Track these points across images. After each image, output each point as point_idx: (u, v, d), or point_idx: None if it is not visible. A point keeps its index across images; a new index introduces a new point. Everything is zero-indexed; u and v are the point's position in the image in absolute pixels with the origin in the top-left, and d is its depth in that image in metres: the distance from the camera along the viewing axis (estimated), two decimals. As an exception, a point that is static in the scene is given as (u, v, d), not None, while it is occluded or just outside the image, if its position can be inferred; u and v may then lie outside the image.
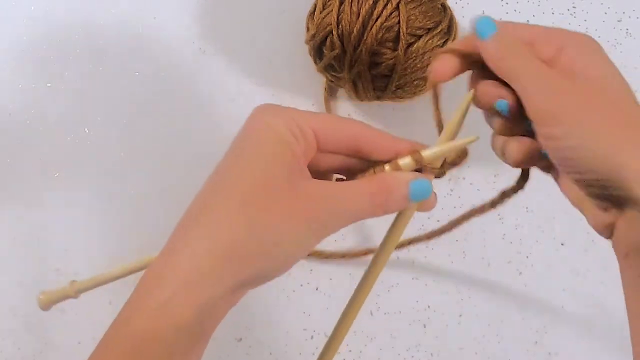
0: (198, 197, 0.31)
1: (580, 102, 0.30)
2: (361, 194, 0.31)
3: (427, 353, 0.52)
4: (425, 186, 0.33)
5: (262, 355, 0.52)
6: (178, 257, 0.29)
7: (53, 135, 0.57)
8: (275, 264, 0.30)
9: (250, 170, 0.30)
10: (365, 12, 0.48)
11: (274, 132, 0.30)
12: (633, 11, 0.61)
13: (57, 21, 0.60)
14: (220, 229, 0.29)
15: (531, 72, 0.31)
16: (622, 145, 0.29)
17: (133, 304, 0.29)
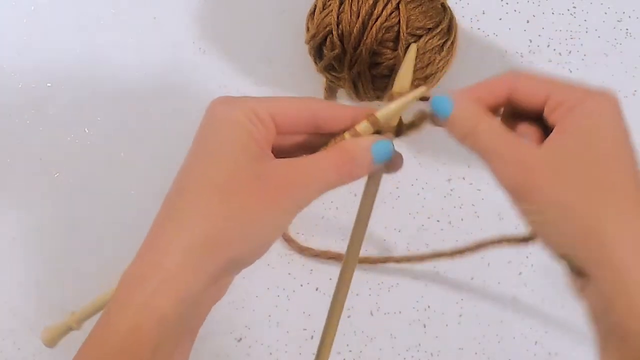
0: (169, 195, 0.31)
1: (549, 175, 0.29)
2: (327, 166, 0.32)
3: (427, 353, 0.52)
4: (387, 146, 0.33)
5: (262, 355, 0.52)
6: (156, 254, 0.29)
7: (53, 135, 0.57)
8: (252, 247, 0.31)
9: (216, 162, 0.30)
10: (365, 12, 0.48)
11: (234, 122, 0.31)
12: (633, 11, 0.61)
13: (57, 21, 0.60)
14: (194, 221, 0.29)
15: (496, 148, 0.31)
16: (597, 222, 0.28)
17: (114, 303, 0.29)
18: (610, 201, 0.28)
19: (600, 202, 0.28)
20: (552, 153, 0.29)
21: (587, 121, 0.29)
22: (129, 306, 0.28)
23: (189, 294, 0.29)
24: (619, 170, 0.29)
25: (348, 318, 0.53)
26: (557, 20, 0.61)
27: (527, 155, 0.30)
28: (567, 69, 0.59)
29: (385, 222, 0.55)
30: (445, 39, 0.51)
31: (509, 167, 0.30)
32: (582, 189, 0.28)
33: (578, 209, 0.28)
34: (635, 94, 0.59)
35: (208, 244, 0.29)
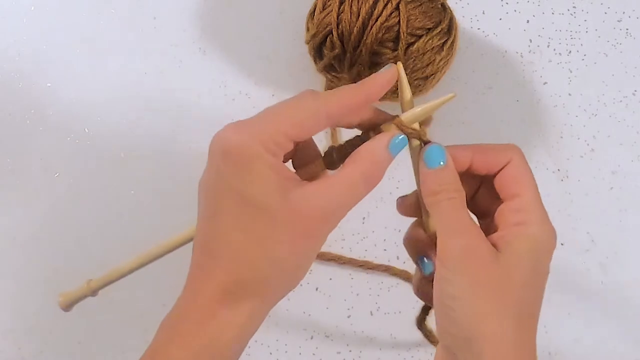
0: (203, 233, 0.32)
1: (476, 264, 0.31)
2: (355, 180, 0.32)
3: (427, 353, 0.52)
4: (402, 140, 0.33)
5: (262, 355, 0.52)
6: (208, 299, 0.30)
7: (53, 135, 0.57)
8: (293, 280, 0.32)
9: (243, 206, 0.30)
10: (365, 12, 0.48)
11: (254, 159, 0.30)
12: (633, 11, 0.61)
13: (56, 21, 0.60)
14: (237, 267, 0.30)
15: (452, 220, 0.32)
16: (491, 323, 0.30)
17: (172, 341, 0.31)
18: (514, 321, 0.31)
19: (509, 315, 0.31)
20: (490, 258, 0.31)
21: (528, 248, 0.32)
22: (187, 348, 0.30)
23: (242, 334, 0.31)
24: (532, 303, 0.32)
25: (348, 318, 0.53)
26: (557, 20, 0.61)
27: (475, 240, 0.32)
28: (567, 69, 0.59)
29: (385, 222, 0.55)
30: (445, 39, 0.51)
31: (460, 246, 0.32)
32: (497, 291, 0.31)
33: (487, 305, 0.31)
34: (635, 94, 0.59)
35: (256, 291, 0.31)
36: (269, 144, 0.30)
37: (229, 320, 0.30)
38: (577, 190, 0.56)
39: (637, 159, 0.57)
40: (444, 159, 0.33)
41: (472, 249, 0.31)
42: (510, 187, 0.33)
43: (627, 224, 0.55)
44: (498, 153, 0.34)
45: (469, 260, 0.31)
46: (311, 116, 0.32)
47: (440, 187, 0.33)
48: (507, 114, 0.58)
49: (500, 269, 0.31)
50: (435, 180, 0.33)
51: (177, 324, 0.31)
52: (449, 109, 0.58)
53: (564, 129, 0.58)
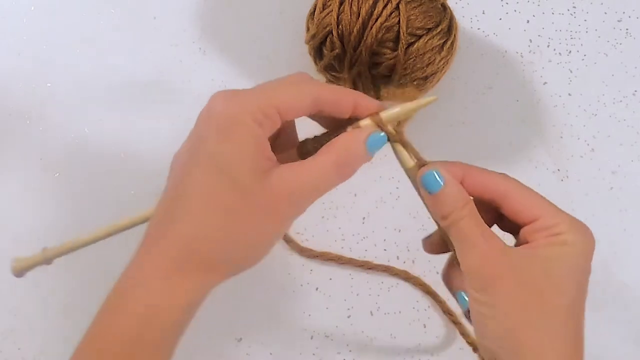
0: (168, 197, 0.31)
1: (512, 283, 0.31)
2: (327, 167, 0.31)
3: (427, 353, 0.52)
4: (381, 138, 0.33)
5: (262, 355, 0.52)
6: (158, 261, 0.30)
7: (53, 135, 0.57)
8: (251, 258, 0.31)
9: (216, 172, 0.30)
10: (365, 12, 0.48)
11: (239, 125, 0.30)
12: (633, 11, 0.61)
13: (56, 21, 0.60)
14: (196, 233, 0.30)
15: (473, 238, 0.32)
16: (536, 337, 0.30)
17: (117, 307, 0.30)
18: (557, 332, 0.30)
19: (550, 327, 0.30)
20: (521, 261, 0.31)
21: (560, 251, 0.31)
22: (129, 313, 0.29)
23: (188, 303, 0.30)
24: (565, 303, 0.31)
25: (348, 318, 0.53)
26: (557, 20, 0.61)
27: (499, 253, 0.31)
28: (567, 69, 0.59)
29: (385, 222, 0.55)
30: (445, 39, 0.51)
31: (479, 259, 0.31)
32: (532, 303, 0.30)
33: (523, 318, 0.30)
34: (635, 94, 0.59)
35: (210, 261, 0.30)
36: (257, 114, 0.30)
37: (177, 287, 0.29)
38: (577, 190, 0.56)
39: (637, 159, 0.57)
40: (442, 180, 0.33)
41: (495, 264, 0.31)
42: (526, 215, 0.33)
43: (627, 224, 0.55)
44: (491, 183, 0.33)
45: (493, 275, 0.31)
46: (303, 95, 0.32)
47: (449, 209, 0.32)
48: (507, 114, 0.58)
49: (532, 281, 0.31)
50: (442, 204, 0.33)
51: (126, 289, 0.30)
52: (449, 109, 0.58)
53: (564, 129, 0.58)
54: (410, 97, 0.53)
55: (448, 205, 0.32)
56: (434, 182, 0.33)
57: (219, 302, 0.54)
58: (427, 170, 0.33)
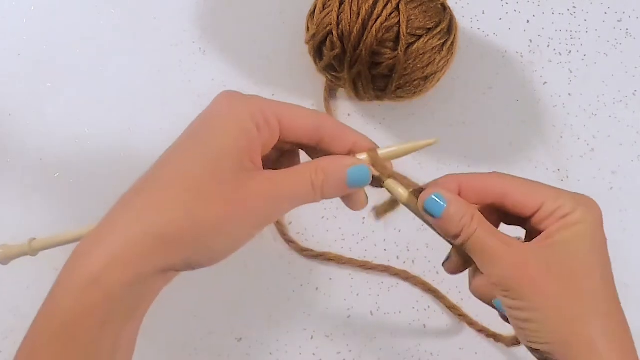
0: (145, 175, 0.31)
1: (542, 275, 0.31)
2: (301, 182, 0.31)
3: (427, 353, 0.52)
4: (363, 171, 0.32)
5: (262, 355, 0.52)
6: (110, 235, 0.29)
7: (53, 135, 0.57)
8: (210, 254, 0.30)
9: (200, 157, 0.30)
10: (365, 12, 0.48)
11: (235, 119, 0.30)
12: (633, 11, 0.61)
13: (56, 21, 0.60)
14: (158, 212, 0.29)
15: (492, 248, 0.31)
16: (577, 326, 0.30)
17: (62, 281, 0.29)
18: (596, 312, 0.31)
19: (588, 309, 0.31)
20: (543, 255, 0.31)
21: (573, 231, 0.31)
22: (74, 284, 0.28)
23: (134, 280, 0.28)
24: (597, 280, 0.31)
25: (348, 318, 0.53)
26: (557, 20, 0.61)
27: (521, 255, 0.31)
28: (567, 69, 0.59)
29: (385, 222, 0.55)
30: (445, 39, 0.51)
31: (507, 268, 0.31)
32: (568, 293, 0.31)
33: (564, 311, 0.30)
34: (635, 94, 0.59)
35: (165, 239, 0.29)
36: (257, 116, 0.30)
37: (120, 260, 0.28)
38: (577, 190, 0.56)
39: (637, 159, 0.57)
40: (443, 200, 0.32)
41: (517, 266, 0.31)
42: (528, 206, 0.33)
43: (627, 224, 0.55)
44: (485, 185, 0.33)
45: (521, 277, 0.31)
46: (307, 115, 0.32)
47: (459, 227, 0.32)
48: (507, 114, 0.58)
49: (555, 269, 0.31)
50: (450, 225, 0.32)
51: (77, 259, 0.29)
52: (449, 109, 0.58)
53: (564, 129, 0.58)
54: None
55: (456, 223, 0.32)
56: (436, 206, 0.32)
57: (219, 302, 0.54)
58: (426, 197, 0.32)
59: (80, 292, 0.28)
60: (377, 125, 0.57)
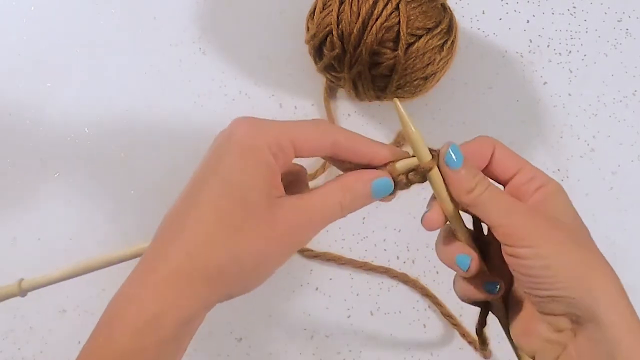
0: (175, 212, 0.32)
1: (544, 226, 0.32)
2: (332, 203, 0.33)
3: (427, 353, 0.52)
4: (386, 184, 0.34)
5: (262, 355, 0.52)
6: (157, 275, 0.30)
7: (53, 135, 0.57)
8: (252, 282, 0.32)
9: (229, 190, 0.30)
10: (365, 12, 0.48)
11: (256, 152, 0.31)
12: (633, 11, 0.61)
13: (56, 21, 0.60)
14: (200, 249, 0.30)
15: (505, 202, 0.33)
16: (589, 269, 0.32)
17: (114, 320, 0.30)
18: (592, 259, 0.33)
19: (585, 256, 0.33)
20: (543, 211, 0.34)
21: (557, 197, 0.34)
22: (127, 326, 0.29)
23: (186, 319, 0.30)
24: (586, 235, 0.35)
25: (348, 318, 0.53)
26: (557, 20, 0.61)
27: (530, 207, 0.34)
28: (567, 69, 0.59)
29: (385, 222, 0.55)
30: (445, 39, 0.51)
31: (520, 215, 0.33)
32: (571, 241, 0.33)
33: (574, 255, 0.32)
34: (635, 94, 0.59)
35: (210, 279, 0.30)
36: (272, 143, 0.31)
37: (174, 301, 0.29)
38: (577, 190, 0.56)
39: (637, 159, 0.57)
40: (461, 157, 0.34)
41: (536, 215, 0.33)
42: (510, 167, 0.35)
43: (627, 224, 0.55)
44: (481, 147, 0.36)
45: (540, 225, 0.32)
46: (320, 133, 0.33)
47: (474, 181, 0.33)
48: (507, 114, 0.58)
49: (559, 223, 0.33)
50: (467, 178, 0.33)
51: (124, 301, 0.30)
52: (449, 109, 0.58)
53: (564, 129, 0.58)
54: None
55: (473, 177, 0.33)
56: (458, 155, 0.34)
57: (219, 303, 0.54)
58: (448, 147, 0.34)
59: (134, 335, 0.29)
60: (377, 125, 0.57)
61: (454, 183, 0.34)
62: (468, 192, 0.33)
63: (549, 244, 0.32)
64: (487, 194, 0.33)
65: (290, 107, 0.58)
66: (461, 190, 0.34)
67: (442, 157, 0.34)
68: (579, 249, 0.32)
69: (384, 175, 0.34)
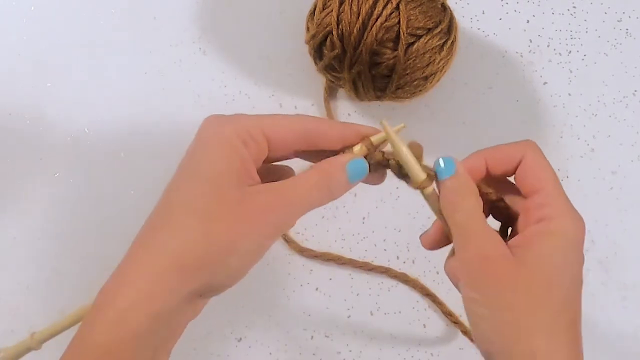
0: (152, 213, 0.32)
1: (508, 279, 0.30)
2: (307, 187, 0.32)
3: (427, 353, 0.52)
4: (360, 164, 0.33)
5: (262, 355, 0.52)
6: (132, 272, 0.30)
7: (53, 135, 0.57)
8: (230, 273, 0.31)
9: (200, 182, 0.31)
10: (365, 12, 0.48)
11: (223, 141, 0.31)
12: (633, 11, 0.61)
13: (56, 21, 0.60)
14: (174, 241, 0.30)
15: (471, 230, 0.32)
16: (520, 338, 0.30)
17: (91, 318, 0.30)
18: (549, 329, 0.30)
19: (540, 324, 0.30)
20: (515, 258, 0.31)
21: (551, 242, 0.31)
22: (103, 322, 0.29)
23: (162, 313, 0.29)
24: (559, 299, 0.31)
25: (348, 318, 0.53)
26: (557, 20, 0.61)
27: (496, 250, 0.31)
28: (567, 69, 0.59)
29: (385, 222, 0.55)
30: (445, 39, 0.51)
31: (478, 255, 0.31)
32: (527, 303, 0.30)
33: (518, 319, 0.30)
34: (635, 94, 0.59)
35: (185, 268, 0.29)
36: (242, 134, 0.31)
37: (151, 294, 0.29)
38: (577, 190, 0.56)
39: (637, 159, 0.57)
40: (452, 169, 0.33)
41: (488, 258, 0.31)
42: (529, 183, 0.33)
43: (627, 224, 0.55)
44: (510, 151, 0.34)
45: (487, 272, 0.31)
46: (289, 120, 0.33)
47: (455, 198, 0.32)
48: (507, 114, 0.58)
49: (522, 275, 0.30)
50: (449, 194, 0.33)
51: (104, 299, 0.30)
52: (449, 109, 0.58)
53: (564, 129, 0.58)
54: (410, 97, 0.53)
55: (457, 191, 0.33)
56: (445, 167, 0.33)
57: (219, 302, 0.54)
58: (443, 156, 0.33)
59: (108, 330, 0.29)
60: (377, 125, 0.57)
61: (440, 194, 0.33)
62: (445, 206, 0.33)
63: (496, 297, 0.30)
64: (459, 217, 0.32)
65: (290, 107, 0.58)
66: (442, 202, 0.33)
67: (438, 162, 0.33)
68: (526, 314, 0.30)
69: (357, 157, 0.33)
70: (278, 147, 0.33)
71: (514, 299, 0.30)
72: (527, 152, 0.33)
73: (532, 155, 0.33)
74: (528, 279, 0.30)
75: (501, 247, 0.31)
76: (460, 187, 0.33)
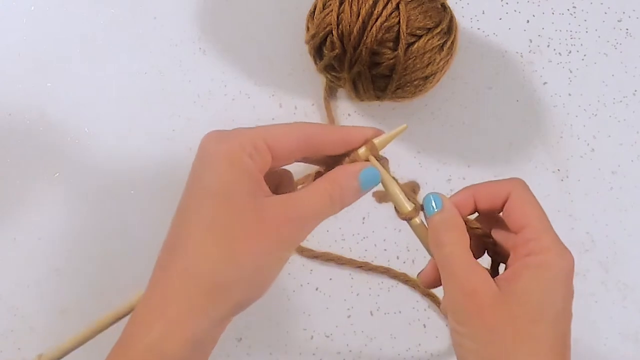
0: (169, 236, 0.32)
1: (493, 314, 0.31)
2: (320, 198, 0.32)
3: (427, 353, 0.52)
4: (373, 174, 0.34)
5: (262, 355, 0.52)
6: (161, 298, 0.30)
7: (53, 135, 0.57)
8: (256, 288, 0.31)
9: (212, 200, 0.30)
10: (365, 12, 0.48)
11: (229, 157, 0.31)
12: (633, 11, 0.61)
13: (56, 21, 0.60)
14: (197, 264, 0.30)
15: (456, 268, 0.32)
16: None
17: (122, 346, 0.30)
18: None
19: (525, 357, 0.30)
20: (501, 293, 0.31)
21: (538, 276, 0.31)
22: (135, 350, 0.29)
23: (193, 338, 0.29)
24: (546, 334, 0.31)
25: (348, 318, 0.53)
26: (557, 20, 0.61)
27: (481, 285, 0.31)
28: (567, 69, 0.59)
29: (385, 222, 0.55)
30: (445, 39, 0.51)
31: (462, 291, 0.31)
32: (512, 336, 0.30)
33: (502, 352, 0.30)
34: (635, 94, 0.59)
35: (213, 291, 0.30)
36: (245, 144, 0.31)
37: (179, 322, 0.29)
38: (577, 190, 0.56)
39: (637, 159, 0.57)
40: (440, 204, 0.33)
41: (472, 292, 0.31)
42: (516, 219, 0.33)
43: (627, 224, 0.55)
44: (497, 187, 0.34)
45: (471, 306, 0.31)
46: (290, 129, 0.33)
47: (441, 232, 0.33)
48: (507, 114, 0.58)
49: (506, 308, 0.31)
50: (435, 229, 0.33)
51: (133, 328, 0.30)
52: (449, 109, 0.58)
53: (564, 129, 0.58)
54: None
55: (442, 228, 0.33)
56: (430, 204, 0.34)
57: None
58: (430, 193, 0.34)
59: (143, 355, 0.29)
60: (377, 125, 0.56)
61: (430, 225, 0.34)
62: (432, 244, 0.33)
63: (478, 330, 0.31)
64: (444, 253, 0.32)
65: (290, 107, 0.58)
66: (430, 240, 0.33)
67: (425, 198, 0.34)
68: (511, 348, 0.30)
69: (370, 165, 0.34)
70: (281, 156, 0.33)
71: (499, 333, 0.30)
72: (514, 189, 0.34)
73: (518, 192, 0.34)
74: (512, 313, 0.30)
75: (486, 281, 0.31)
76: (446, 222, 0.33)
